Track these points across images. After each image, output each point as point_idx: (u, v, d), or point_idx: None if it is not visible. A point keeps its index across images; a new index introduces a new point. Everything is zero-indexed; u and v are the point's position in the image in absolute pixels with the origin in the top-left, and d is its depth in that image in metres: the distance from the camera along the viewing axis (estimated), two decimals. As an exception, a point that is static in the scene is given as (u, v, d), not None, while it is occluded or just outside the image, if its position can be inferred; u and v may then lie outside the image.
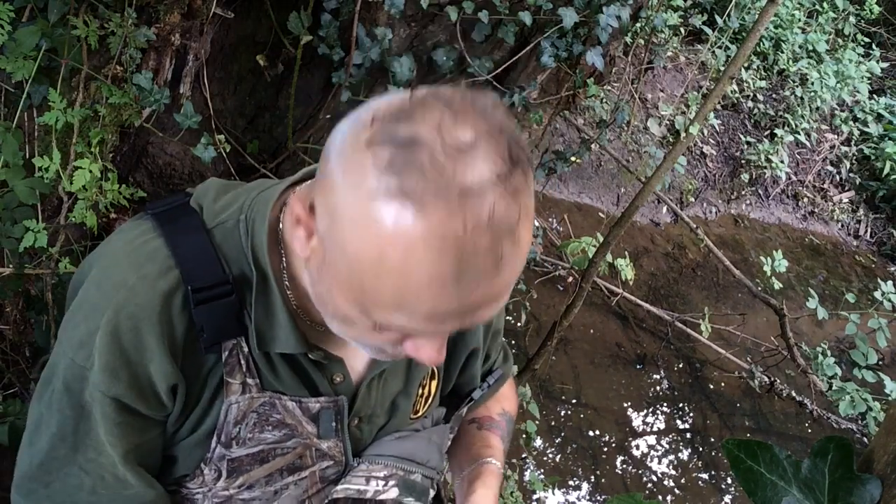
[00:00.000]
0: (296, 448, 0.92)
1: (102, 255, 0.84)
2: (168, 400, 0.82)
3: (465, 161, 0.61)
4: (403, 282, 0.63)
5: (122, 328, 0.77)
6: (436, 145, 0.60)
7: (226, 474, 0.89)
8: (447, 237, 0.60)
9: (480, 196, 0.60)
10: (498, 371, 1.17)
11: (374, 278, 0.64)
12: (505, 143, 0.63)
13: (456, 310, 0.65)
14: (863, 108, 5.76)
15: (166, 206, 0.85)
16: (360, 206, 0.63)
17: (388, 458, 0.98)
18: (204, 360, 0.83)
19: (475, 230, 0.60)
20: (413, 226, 0.60)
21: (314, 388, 0.89)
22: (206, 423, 0.86)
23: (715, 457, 3.58)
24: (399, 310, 0.66)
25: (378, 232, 0.62)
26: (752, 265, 4.86)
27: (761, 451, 0.82)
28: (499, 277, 0.64)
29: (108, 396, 0.78)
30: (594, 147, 3.59)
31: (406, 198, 0.60)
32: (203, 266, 0.79)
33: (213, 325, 0.80)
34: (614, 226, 2.36)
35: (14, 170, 1.47)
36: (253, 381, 0.85)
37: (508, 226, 0.62)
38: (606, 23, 1.93)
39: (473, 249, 0.61)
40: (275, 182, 0.87)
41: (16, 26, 1.45)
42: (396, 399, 0.99)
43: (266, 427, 0.88)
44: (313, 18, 1.86)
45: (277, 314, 0.82)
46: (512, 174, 0.62)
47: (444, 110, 0.63)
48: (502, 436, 1.16)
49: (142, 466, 0.85)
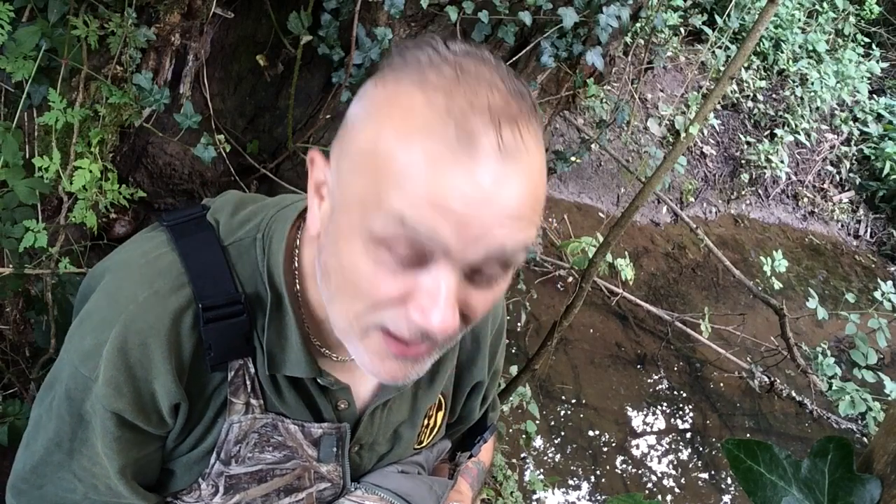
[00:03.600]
0: (295, 469, 0.91)
1: (116, 264, 0.83)
2: (170, 418, 0.81)
3: (462, 61, 0.64)
4: (403, 154, 0.60)
5: (130, 344, 0.76)
6: (434, 56, 0.65)
7: (223, 490, 0.88)
8: (442, 106, 0.61)
9: (477, 80, 0.63)
10: (493, 426, 1.17)
11: (372, 162, 0.63)
12: (502, 78, 0.65)
13: (458, 193, 0.59)
14: (863, 108, 5.76)
15: (183, 219, 0.84)
16: (364, 108, 0.67)
17: (386, 491, 0.97)
18: (209, 379, 0.82)
19: (472, 106, 0.61)
20: (413, 96, 0.62)
21: (318, 412, 0.89)
22: (208, 441, 0.85)
23: (715, 457, 3.58)
24: (398, 193, 0.60)
25: (380, 115, 0.64)
26: (752, 265, 4.86)
27: (761, 451, 0.82)
28: (503, 166, 0.60)
29: (109, 410, 0.77)
30: (594, 147, 3.60)
31: (405, 78, 0.64)
32: (216, 284, 0.78)
33: (221, 345, 0.79)
34: (614, 226, 2.36)
35: (14, 170, 1.47)
36: (257, 401, 0.85)
37: (508, 115, 0.62)
38: (606, 23, 1.93)
39: (472, 125, 0.61)
40: (295, 199, 0.86)
41: (16, 26, 1.45)
42: (399, 428, 0.99)
43: (266, 448, 0.88)
44: (313, 18, 1.86)
45: (290, 337, 0.81)
46: (511, 100, 0.63)
47: (446, 50, 0.66)
48: (472, 483, 1.15)
49: (138, 480, 0.84)
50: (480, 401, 1.10)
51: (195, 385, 0.81)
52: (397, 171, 0.60)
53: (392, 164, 0.61)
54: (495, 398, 1.19)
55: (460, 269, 0.63)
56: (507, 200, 0.61)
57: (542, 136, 0.68)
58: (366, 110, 0.66)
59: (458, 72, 0.63)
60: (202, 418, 0.84)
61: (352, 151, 0.66)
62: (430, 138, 0.60)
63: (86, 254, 1.79)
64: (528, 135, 0.63)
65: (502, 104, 0.62)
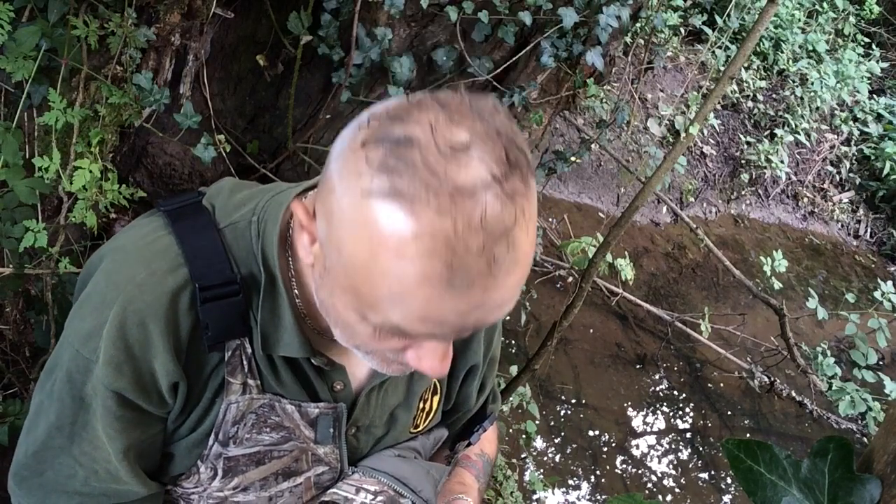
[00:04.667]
0: (292, 451, 0.92)
1: (114, 248, 0.84)
2: (170, 397, 0.82)
3: (459, 161, 0.60)
4: (396, 282, 0.62)
5: (129, 323, 0.77)
6: (429, 145, 0.60)
7: (221, 473, 0.89)
8: (437, 237, 0.59)
9: (473, 196, 0.59)
10: (493, 415, 1.17)
11: (367, 279, 0.64)
12: (502, 146, 0.62)
13: (451, 311, 0.64)
14: (863, 108, 5.76)
15: (179, 204, 0.85)
16: (353, 207, 0.63)
17: (383, 474, 0.98)
18: (207, 359, 0.83)
19: (466, 230, 0.59)
20: (404, 225, 0.60)
21: (314, 393, 0.89)
22: (206, 423, 0.86)
23: (715, 457, 3.58)
24: (393, 309, 0.65)
25: (370, 232, 0.62)
26: (752, 265, 4.86)
27: (761, 451, 0.82)
28: (494, 281, 0.63)
29: (110, 390, 0.78)
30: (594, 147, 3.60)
31: (397, 197, 0.60)
32: (212, 264, 0.79)
33: (218, 324, 0.80)
34: (614, 226, 2.36)
35: (14, 170, 1.47)
36: (254, 382, 0.85)
37: (503, 228, 0.61)
38: (606, 23, 1.93)
39: (465, 250, 0.60)
40: (291, 185, 0.87)
41: (16, 26, 1.45)
42: (395, 411, 0.99)
43: (264, 428, 0.88)
44: (313, 18, 1.86)
45: (283, 317, 0.82)
46: (508, 177, 0.61)
47: (440, 111, 0.62)
48: (477, 475, 1.15)
49: (139, 465, 0.85)
50: (478, 388, 1.11)
51: (193, 365, 0.82)
52: (392, 293, 0.63)
53: (385, 285, 0.63)
54: (495, 390, 1.19)
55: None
56: (499, 300, 0.65)
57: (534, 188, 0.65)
58: (352, 204, 0.63)
59: (452, 193, 0.59)
60: (200, 399, 0.85)
61: (341, 244, 0.65)
62: (422, 269, 0.61)
63: (86, 254, 1.79)
64: (521, 232, 0.63)
65: (498, 209, 0.60)
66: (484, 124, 0.62)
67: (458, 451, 1.16)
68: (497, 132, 0.62)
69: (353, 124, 0.67)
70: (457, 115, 0.62)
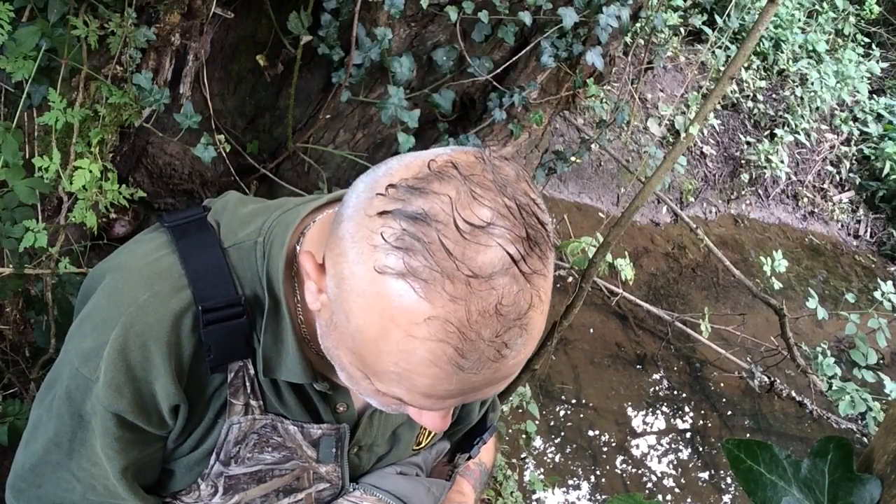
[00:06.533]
0: (294, 470, 0.91)
1: (116, 266, 0.82)
2: (170, 418, 0.81)
3: (478, 243, 0.59)
4: (404, 361, 0.62)
5: (130, 345, 0.76)
6: (448, 223, 0.59)
7: (222, 491, 0.88)
8: (450, 322, 0.59)
9: (489, 281, 0.58)
10: (493, 427, 1.17)
11: (375, 353, 0.64)
12: (523, 224, 0.60)
13: (456, 391, 0.65)
14: (863, 108, 5.76)
15: (183, 220, 0.84)
16: (366, 280, 0.61)
17: (384, 492, 0.98)
18: (209, 381, 0.82)
19: (480, 318, 0.59)
20: (417, 307, 0.59)
21: (317, 414, 0.89)
22: (208, 442, 0.85)
23: (715, 457, 3.58)
24: (399, 384, 0.65)
25: (382, 309, 0.61)
26: (752, 265, 4.86)
27: (761, 451, 0.82)
28: (504, 362, 0.63)
29: (109, 411, 0.77)
30: (594, 147, 3.60)
31: (412, 277, 0.59)
32: (216, 286, 0.78)
33: (221, 347, 0.79)
34: (614, 226, 2.36)
35: (14, 170, 1.47)
36: (256, 402, 0.85)
37: (518, 313, 0.60)
38: (606, 23, 1.93)
39: (477, 336, 0.60)
40: (297, 202, 0.85)
41: (16, 26, 1.45)
42: (398, 430, 0.99)
43: (266, 448, 0.88)
44: (313, 18, 1.86)
45: (286, 342, 0.81)
46: (527, 257, 0.60)
47: (461, 184, 0.60)
48: (474, 484, 1.16)
49: (137, 481, 0.84)
50: (479, 401, 1.10)
51: (195, 387, 0.81)
52: (399, 369, 0.64)
53: (392, 361, 0.63)
54: (495, 399, 1.19)
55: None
56: (506, 374, 0.66)
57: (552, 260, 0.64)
58: (365, 276, 0.61)
59: (469, 278, 0.58)
60: (202, 420, 0.84)
61: (350, 313, 0.65)
62: (432, 352, 0.61)
63: (86, 254, 1.79)
64: (535, 313, 0.62)
65: (514, 294, 0.59)
66: (506, 199, 0.61)
67: (459, 464, 1.16)
68: (519, 208, 0.61)
69: (371, 181, 0.65)
70: (479, 188, 0.60)
